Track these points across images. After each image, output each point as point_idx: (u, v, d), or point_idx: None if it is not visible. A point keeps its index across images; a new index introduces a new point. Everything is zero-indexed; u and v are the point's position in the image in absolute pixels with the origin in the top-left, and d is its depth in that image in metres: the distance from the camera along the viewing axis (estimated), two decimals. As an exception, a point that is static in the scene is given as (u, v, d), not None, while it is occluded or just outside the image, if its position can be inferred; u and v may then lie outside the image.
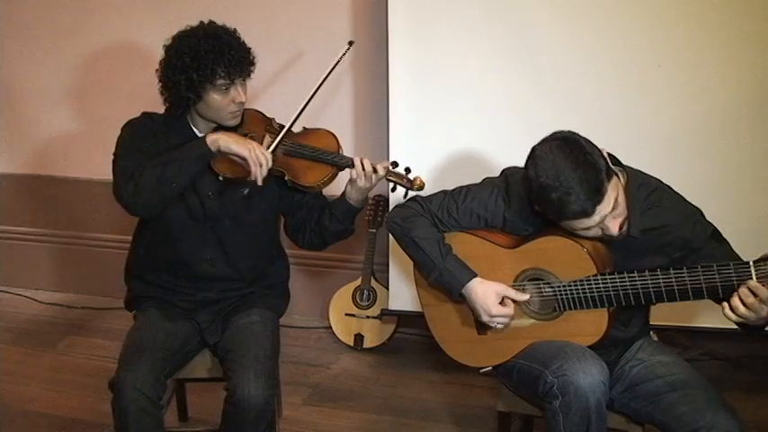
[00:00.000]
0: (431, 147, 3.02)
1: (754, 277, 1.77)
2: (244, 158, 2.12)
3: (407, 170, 2.27)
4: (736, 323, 1.84)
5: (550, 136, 1.91)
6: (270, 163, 2.14)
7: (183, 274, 2.32)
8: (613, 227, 1.88)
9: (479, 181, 2.19)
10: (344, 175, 2.30)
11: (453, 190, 2.18)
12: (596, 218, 1.85)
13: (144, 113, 2.34)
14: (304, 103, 2.28)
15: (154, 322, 2.26)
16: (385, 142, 3.08)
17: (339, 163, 2.25)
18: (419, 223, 2.14)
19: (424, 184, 2.26)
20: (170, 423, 2.44)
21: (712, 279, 1.82)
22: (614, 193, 1.85)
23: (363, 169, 2.21)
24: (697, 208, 2.04)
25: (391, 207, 2.51)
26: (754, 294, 1.77)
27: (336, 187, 2.34)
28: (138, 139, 2.25)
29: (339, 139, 2.31)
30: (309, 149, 2.25)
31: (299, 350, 3.43)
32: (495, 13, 2.85)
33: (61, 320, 3.77)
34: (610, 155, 1.95)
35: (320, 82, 2.29)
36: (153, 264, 2.34)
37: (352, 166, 2.23)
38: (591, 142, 1.89)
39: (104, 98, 3.70)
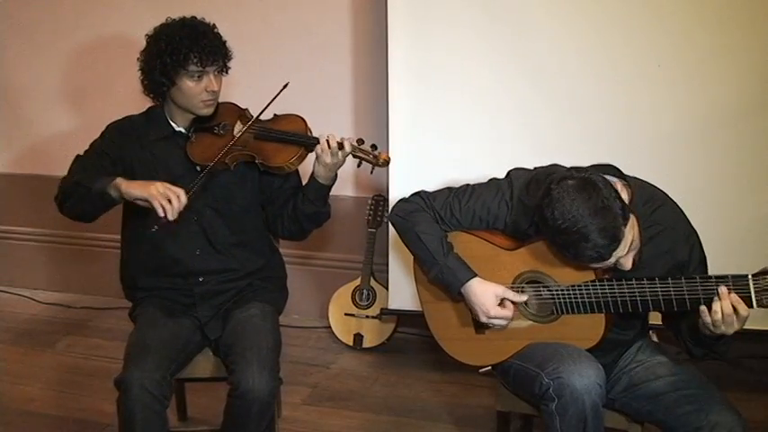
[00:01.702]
0: (431, 146, 3.02)
1: (751, 290, 1.78)
2: (146, 200, 2.11)
3: (374, 147, 2.30)
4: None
5: (567, 174, 1.86)
6: (183, 198, 2.12)
7: (177, 271, 2.33)
8: (627, 263, 1.88)
9: (485, 181, 2.18)
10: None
11: (458, 188, 2.18)
12: (612, 261, 1.85)
13: (125, 117, 2.42)
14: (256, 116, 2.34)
15: (156, 320, 2.27)
16: (385, 142, 3.08)
17: (306, 142, 2.29)
18: (422, 218, 2.14)
19: (389, 159, 2.29)
20: (170, 423, 2.43)
21: (710, 290, 1.82)
22: (630, 235, 1.83)
23: (329, 146, 2.24)
24: (695, 230, 2.03)
25: (392, 205, 2.51)
26: (735, 309, 1.79)
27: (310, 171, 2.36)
28: (105, 144, 2.35)
29: (307, 123, 2.35)
30: (277, 132, 2.31)
31: (299, 350, 3.43)
32: (494, 12, 2.85)
33: (61, 320, 3.78)
34: (612, 166, 1.94)
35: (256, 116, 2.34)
36: (145, 268, 2.36)
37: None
38: (608, 183, 1.84)
39: (104, 98, 3.70)
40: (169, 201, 2.10)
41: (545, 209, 1.84)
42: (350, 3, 3.31)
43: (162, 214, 2.09)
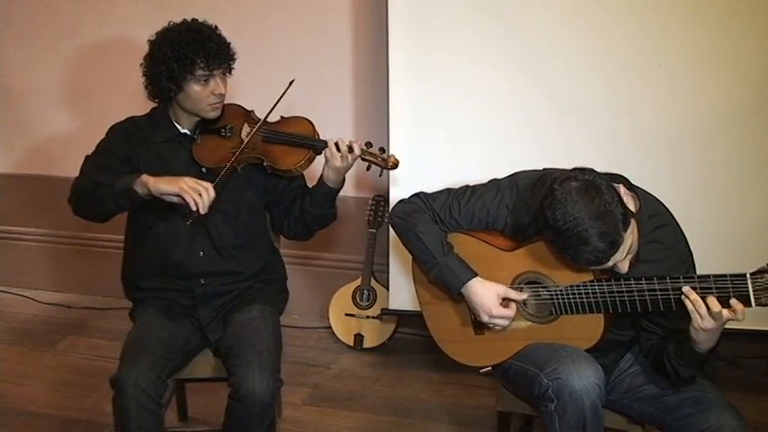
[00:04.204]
0: (431, 146, 3.02)
1: (750, 289, 1.77)
2: (177, 195, 2.09)
3: (382, 150, 2.30)
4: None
5: (571, 175, 1.85)
6: (211, 191, 2.10)
7: (179, 273, 2.33)
8: (624, 267, 1.88)
9: (485, 181, 2.18)
10: (323, 161, 2.32)
11: (458, 189, 2.18)
12: (609, 264, 1.85)
13: (128, 118, 2.40)
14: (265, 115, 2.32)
15: (155, 321, 2.27)
16: (385, 142, 3.08)
17: (315, 146, 2.29)
18: (422, 219, 2.14)
19: (398, 162, 2.29)
20: (170, 423, 2.44)
21: (708, 290, 1.82)
22: (629, 240, 1.83)
23: (338, 149, 2.24)
24: (692, 253, 2.03)
25: (392, 205, 2.51)
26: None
27: (318, 173, 2.36)
28: (111, 144, 2.33)
29: (315, 125, 2.34)
30: (286, 135, 2.31)
31: (299, 350, 3.43)
32: (495, 12, 2.85)
33: (61, 320, 3.78)
34: (622, 177, 1.94)
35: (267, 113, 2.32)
36: (147, 268, 2.36)
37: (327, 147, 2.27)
38: (611, 186, 1.83)
39: (104, 98, 3.70)
40: (199, 194, 2.09)
41: (547, 209, 1.83)
42: (350, 3, 3.31)
43: (195, 208, 2.08)
